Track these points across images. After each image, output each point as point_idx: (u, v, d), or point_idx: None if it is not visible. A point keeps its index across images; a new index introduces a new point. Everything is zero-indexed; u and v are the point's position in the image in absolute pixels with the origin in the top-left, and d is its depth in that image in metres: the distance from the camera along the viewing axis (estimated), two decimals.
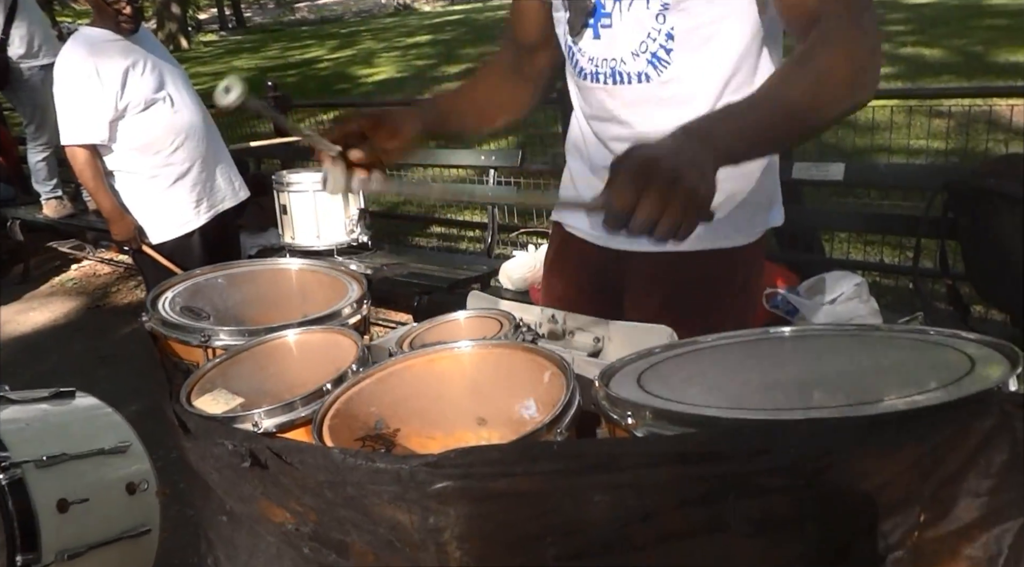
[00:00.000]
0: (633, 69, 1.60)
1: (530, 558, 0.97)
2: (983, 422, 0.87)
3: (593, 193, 1.76)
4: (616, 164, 1.07)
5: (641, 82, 1.60)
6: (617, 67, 1.62)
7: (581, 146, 1.82)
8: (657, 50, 1.56)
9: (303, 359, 1.54)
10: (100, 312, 5.99)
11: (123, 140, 3.37)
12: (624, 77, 1.62)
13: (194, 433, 1.28)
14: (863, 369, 1.10)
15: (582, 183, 1.85)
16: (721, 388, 1.13)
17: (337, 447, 1.16)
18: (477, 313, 1.69)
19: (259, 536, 1.31)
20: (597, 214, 1.09)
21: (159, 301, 1.78)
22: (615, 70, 1.62)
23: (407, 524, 1.02)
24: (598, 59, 1.64)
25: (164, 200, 3.51)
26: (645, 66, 1.58)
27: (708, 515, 0.90)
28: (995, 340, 1.11)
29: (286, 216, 4.34)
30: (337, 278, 1.89)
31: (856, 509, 0.88)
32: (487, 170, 4.68)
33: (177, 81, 3.49)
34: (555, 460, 0.93)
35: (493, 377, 1.41)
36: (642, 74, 1.59)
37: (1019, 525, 0.88)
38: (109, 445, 2.38)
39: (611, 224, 1.06)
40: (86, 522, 2.21)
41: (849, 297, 2.93)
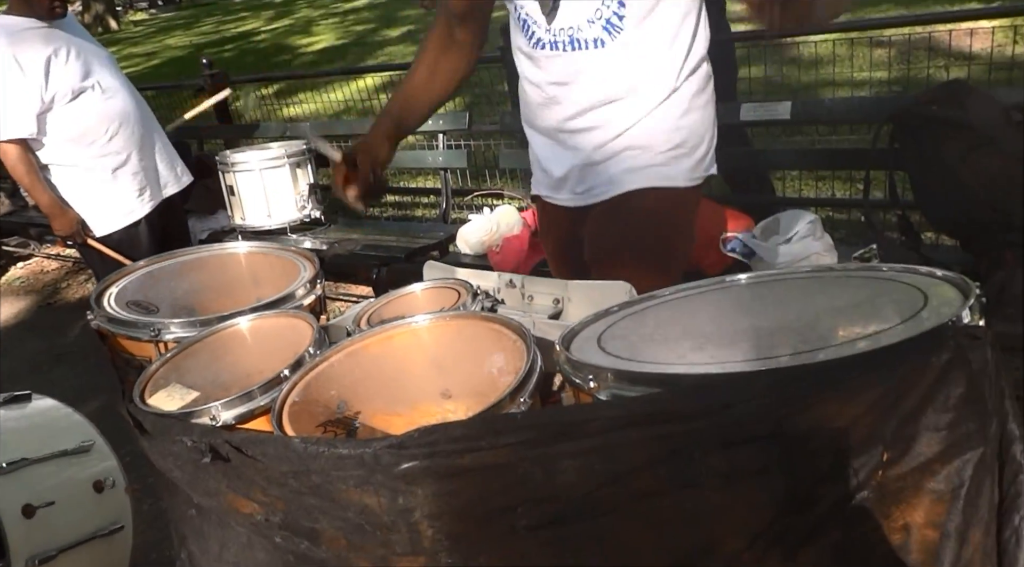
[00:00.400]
0: (589, 35, 1.71)
1: (503, 530, 0.97)
2: (939, 357, 0.88)
3: (553, 160, 1.93)
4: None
5: (598, 47, 1.72)
6: (575, 35, 1.72)
7: (538, 115, 1.91)
8: (610, 16, 1.68)
9: (259, 346, 1.51)
10: (52, 309, 5.86)
11: (54, 132, 3.25)
12: (582, 43, 1.73)
13: (151, 432, 1.26)
14: (820, 312, 1.10)
15: (542, 150, 1.96)
16: (682, 343, 1.13)
17: (298, 436, 1.14)
18: (434, 284, 1.68)
19: (229, 528, 1.30)
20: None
21: (104, 297, 1.73)
22: (573, 38, 1.73)
23: (376, 507, 1.01)
24: (555, 29, 1.74)
25: (105, 191, 3.40)
26: (600, 32, 1.69)
27: (677, 473, 0.90)
28: (947, 273, 1.11)
29: (234, 197, 4.25)
30: (288, 259, 1.86)
31: (821, 454, 0.88)
32: (436, 135, 4.62)
33: (105, 66, 3.36)
34: (520, 431, 0.92)
35: (454, 349, 1.40)
36: (598, 40, 1.71)
37: (978, 455, 0.89)
38: (71, 446, 2.34)
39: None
40: (55, 525, 2.18)
41: (803, 235, 2.94)
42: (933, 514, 0.90)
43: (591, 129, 1.81)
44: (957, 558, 0.90)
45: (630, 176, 1.81)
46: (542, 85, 1.84)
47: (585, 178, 1.87)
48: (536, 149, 1.99)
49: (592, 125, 1.80)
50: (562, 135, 1.86)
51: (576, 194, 1.91)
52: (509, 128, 4.39)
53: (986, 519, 0.91)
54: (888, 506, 0.89)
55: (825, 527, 0.89)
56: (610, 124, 1.78)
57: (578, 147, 1.85)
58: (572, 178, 1.90)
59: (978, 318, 0.99)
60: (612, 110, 1.77)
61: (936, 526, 0.90)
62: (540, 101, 1.87)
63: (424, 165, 4.85)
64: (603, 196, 1.86)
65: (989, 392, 0.90)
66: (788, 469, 0.88)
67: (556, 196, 1.98)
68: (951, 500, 0.89)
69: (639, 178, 1.80)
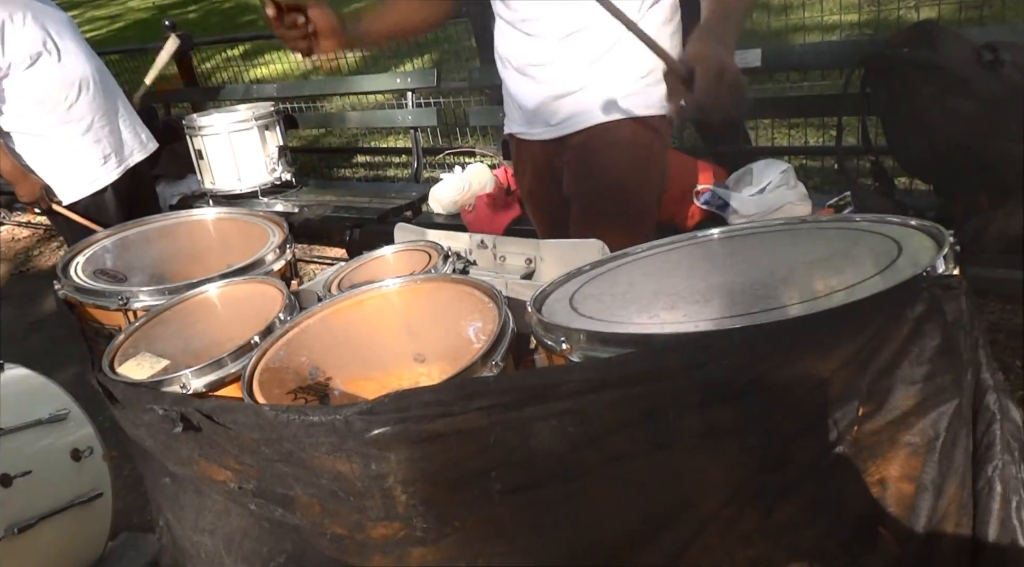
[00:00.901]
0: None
1: (477, 494, 0.96)
2: (914, 309, 0.87)
3: (527, 94, 1.92)
4: (697, 62, 1.35)
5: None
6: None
7: (511, 52, 1.92)
8: None
9: (229, 313, 1.49)
10: (24, 277, 5.78)
11: (13, 99, 3.16)
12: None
13: (122, 401, 1.24)
14: (793, 266, 1.09)
15: (516, 86, 1.96)
16: (655, 302, 1.12)
17: (268, 404, 1.12)
18: (405, 247, 1.65)
19: (205, 495, 1.29)
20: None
21: (71, 266, 1.70)
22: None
23: (349, 473, 1.00)
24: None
25: (69, 158, 3.32)
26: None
27: (650, 434, 0.89)
28: (921, 222, 1.11)
29: (203, 161, 4.18)
30: (257, 224, 1.83)
31: (796, 411, 0.87)
32: (405, 93, 4.56)
33: (63, 30, 3.27)
34: (491, 395, 0.91)
35: (425, 312, 1.38)
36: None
37: (953, 407, 0.89)
38: (46, 414, 2.32)
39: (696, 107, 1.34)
40: (33, 494, 2.17)
41: (777, 185, 2.92)
42: (909, 467, 0.90)
43: (561, 61, 1.82)
44: (933, 510, 0.90)
45: (605, 106, 1.82)
46: (514, 22, 1.85)
47: (559, 110, 1.88)
48: (509, 85, 2.00)
49: (562, 57, 1.81)
50: (533, 69, 1.87)
51: (550, 126, 1.92)
52: (478, 84, 4.34)
53: (961, 471, 0.91)
54: (864, 461, 0.89)
55: (801, 484, 0.88)
56: (579, 55, 1.80)
57: (549, 79, 1.86)
58: (546, 111, 1.91)
59: (952, 267, 0.98)
60: (580, 41, 1.78)
61: (912, 479, 0.90)
62: (511, 37, 1.89)
63: (394, 124, 4.79)
64: (578, 126, 1.87)
65: (964, 342, 0.90)
66: (763, 427, 0.87)
67: (531, 131, 1.99)
68: (926, 453, 0.89)
69: (614, 108, 1.82)
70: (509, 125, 2.08)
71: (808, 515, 0.90)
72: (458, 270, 1.56)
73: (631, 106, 1.82)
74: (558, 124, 1.90)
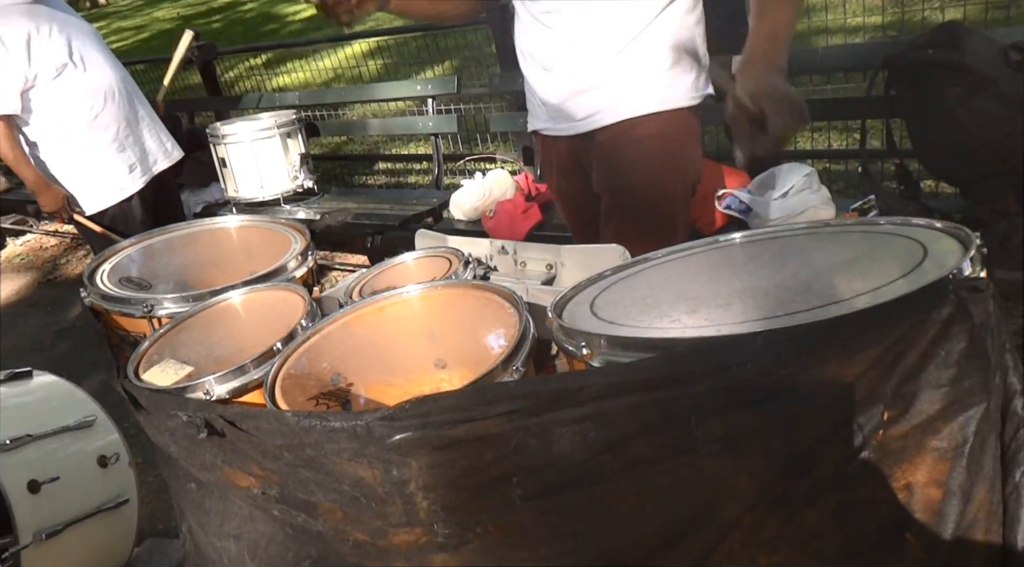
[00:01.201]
0: None
1: (498, 500, 0.95)
2: (940, 312, 0.86)
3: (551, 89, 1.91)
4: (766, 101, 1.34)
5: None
6: None
7: (534, 46, 1.91)
8: None
9: (251, 320, 1.50)
10: (53, 285, 5.85)
11: (40, 109, 3.21)
12: None
13: (147, 407, 1.25)
14: (817, 269, 1.08)
15: (539, 82, 1.94)
16: (676, 306, 1.11)
17: (290, 410, 1.12)
18: (426, 253, 1.66)
19: (229, 501, 1.29)
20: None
21: (97, 275, 1.72)
22: None
23: (370, 479, 1.00)
24: None
25: (95, 168, 3.36)
26: None
27: (673, 438, 0.88)
28: (947, 224, 1.09)
29: (226, 169, 4.21)
30: (279, 231, 1.84)
31: (820, 415, 0.86)
32: (425, 100, 4.57)
33: (88, 41, 3.30)
34: (512, 401, 0.91)
35: (446, 318, 1.38)
36: None
37: (982, 411, 0.88)
38: (74, 421, 2.34)
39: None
40: (60, 500, 2.19)
41: (800, 188, 2.90)
42: (936, 472, 0.88)
43: (585, 53, 1.80)
44: (961, 516, 0.89)
45: (631, 99, 1.81)
46: (535, 15, 1.84)
47: (584, 105, 1.86)
48: (532, 81, 1.98)
49: (585, 49, 1.80)
50: (556, 63, 1.86)
51: (576, 122, 1.90)
52: (499, 90, 4.34)
53: (991, 476, 0.89)
54: (890, 466, 0.88)
55: (826, 489, 0.87)
56: (603, 46, 1.78)
57: (573, 73, 1.84)
58: (570, 106, 1.89)
59: (979, 269, 0.97)
60: (603, 32, 1.77)
61: (939, 484, 0.88)
62: (533, 31, 1.87)
63: (415, 131, 4.80)
64: (604, 122, 1.85)
65: (991, 346, 0.88)
66: (787, 431, 0.86)
67: (556, 127, 1.97)
68: (954, 457, 0.88)
69: (641, 102, 1.80)
70: (533, 122, 2.06)
71: (833, 521, 0.89)
72: (479, 276, 1.56)
73: (658, 99, 1.80)
74: (583, 119, 1.88)
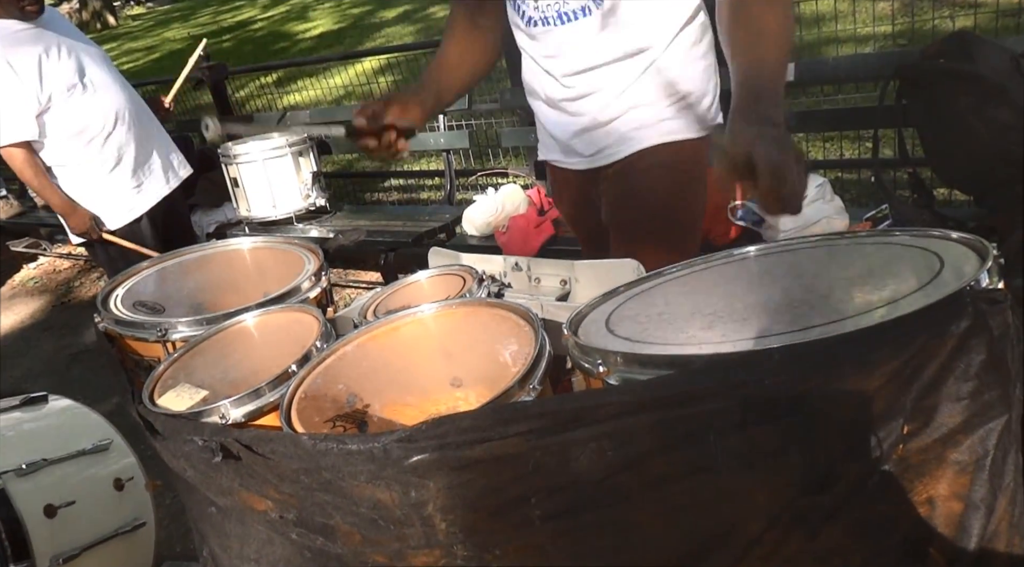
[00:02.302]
0: (576, 6, 1.71)
1: (517, 521, 0.95)
2: (958, 324, 0.85)
3: (559, 126, 1.92)
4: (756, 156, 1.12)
5: (585, 15, 1.71)
6: (561, 9, 1.72)
7: (539, 86, 1.91)
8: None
9: (266, 342, 1.50)
10: (66, 308, 5.88)
11: (53, 132, 3.23)
12: (569, 16, 1.72)
13: (162, 433, 1.25)
14: (832, 282, 1.08)
15: (547, 118, 1.96)
16: (692, 321, 1.10)
17: (307, 433, 1.12)
18: (439, 271, 1.66)
19: (249, 525, 1.29)
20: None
21: (110, 299, 1.72)
22: (560, 12, 1.73)
23: (388, 501, 1.00)
24: (543, 5, 1.74)
25: (105, 188, 3.38)
26: (586, 1, 1.69)
27: (691, 456, 0.88)
28: (963, 234, 1.08)
29: (238, 189, 4.24)
30: (292, 251, 1.84)
31: (840, 431, 0.86)
32: (436, 116, 4.59)
33: (97, 63, 3.33)
34: (529, 420, 0.90)
35: (461, 337, 1.38)
36: (585, 8, 1.70)
37: (1003, 424, 0.87)
38: (89, 445, 2.35)
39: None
40: (77, 524, 2.20)
41: (813, 199, 2.90)
42: (957, 486, 0.87)
43: (591, 93, 1.81)
44: (984, 529, 0.88)
45: (639, 133, 1.81)
46: (538, 58, 1.85)
47: (594, 141, 1.87)
48: (541, 117, 1.99)
49: (591, 90, 1.80)
50: (564, 102, 1.86)
51: (586, 157, 1.90)
52: (510, 105, 4.35)
53: (1012, 488, 0.88)
54: (911, 480, 0.87)
55: (847, 505, 0.86)
56: (609, 86, 1.78)
57: (581, 112, 1.85)
58: (579, 142, 1.90)
59: (997, 280, 0.96)
60: (608, 72, 1.77)
61: (961, 498, 0.88)
62: (538, 72, 1.88)
63: (426, 147, 4.82)
64: (614, 157, 1.85)
65: (1011, 357, 0.88)
66: (806, 448, 0.85)
67: (566, 160, 1.97)
68: (975, 471, 0.87)
69: (648, 135, 1.80)
70: (544, 152, 2.07)
71: (855, 537, 0.88)
72: (493, 293, 1.56)
73: (664, 132, 1.80)
74: (593, 155, 1.89)
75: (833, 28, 4.48)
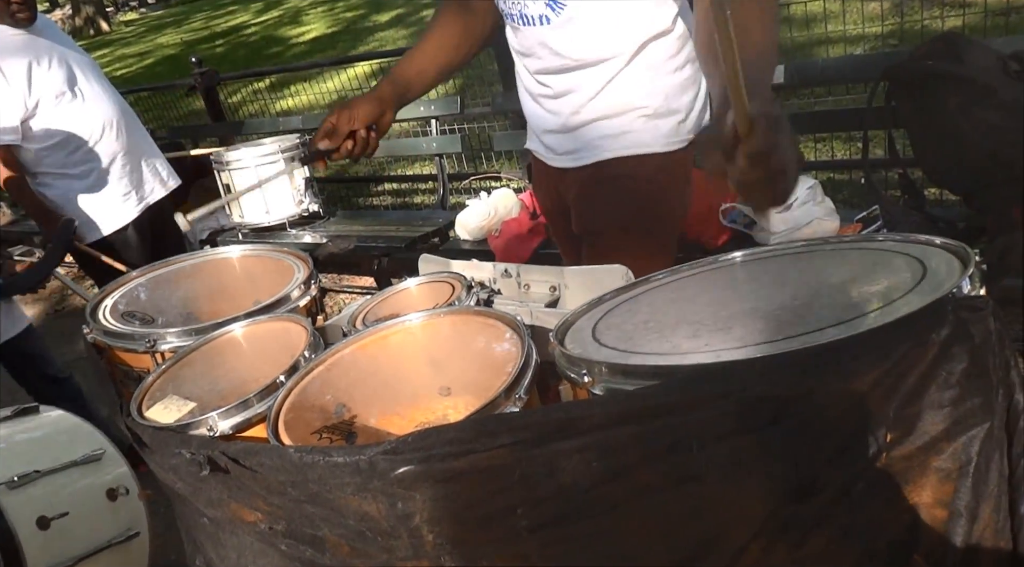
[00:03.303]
0: (535, 12, 1.71)
1: (503, 532, 0.95)
2: (940, 332, 0.85)
3: (536, 118, 1.93)
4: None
5: (543, 24, 1.72)
6: (523, 10, 1.73)
7: (520, 76, 1.94)
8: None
9: (254, 352, 1.50)
10: (60, 316, 5.88)
11: (39, 139, 3.21)
12: (529, 19, 1.74)
13: (150, 446, 1.25)
14: (816, 290, 1.08)
15: (529, 109, 1.97)
16: (677, 330, 1.10)
17: (293, 445, 1.12)
18: (429, 279, 1.66)
19: (240, 536, 1.29)
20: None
21: (99, 310, 1.72)
22: (522, 13, 1.74)
23: (375, 513, 1.00)
24: (509, 3, 1.75)
25: (92, 197, 3.35)
26: (544, 9, 1.69)
27: (676, 466, 0.88)
28: (946, 241, 1.09)
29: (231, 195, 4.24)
30: (282, 259, 1.84)
31: (823, 439, 0.86)
32: (429, 121, 4.60)
33: (87, 72, 3.32)
34: (514, 432, 0.91)
35: (450, 345, 1.38)
36: (543, 16, 1.71)
37: (985, 430, 0.87)
38: (81, 455, 2.35)
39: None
40: (70, 535, 2.20)
41: (803, 201, 2.90)
42: (941, 493, 0.88)
43: (561, 95, 1.82)
44: (968, 536, 0.88)
45: (607, 142, 1.81)
46: (518, 52, 1.88)
47: (565, 142, 1.88)
48: (525, 108, 2.00)
49: (562, 91, 1.82)
50: (541, 98, 1.89)
51: (559, 156, 1.92)
52: (502, 109, 4.36)
53: (996, 494, 0.89)
54: (895, 488, 0.87)
55: (832, 513, 0.87)
56: (577, 90, 1.79)
57: (554, 111, 1.86)
58: (555, 141, 1.92)
59: (979, 287, 0.96)
60: (575, 78, 1.78)
61: (945, 505, 0.88)
62: (519, 64, 1.91)
63: (419, 152, 4.83)
64: (582, 161, 1.86)
65: (993, 364, 0.88)
66: (790, 456, 0.85)
67: (545, 155, 1.99)
68: (959, 478, 0.87)
69: (615, 145, 1.81)
70: (530, 142, 2.07)
71: (840, 545, 0.88)
72: (482, 300, 1.56)
73: (630, 144, 1.79)
74: (565, 155, 1.90)
75: (824, 29, 4.50)
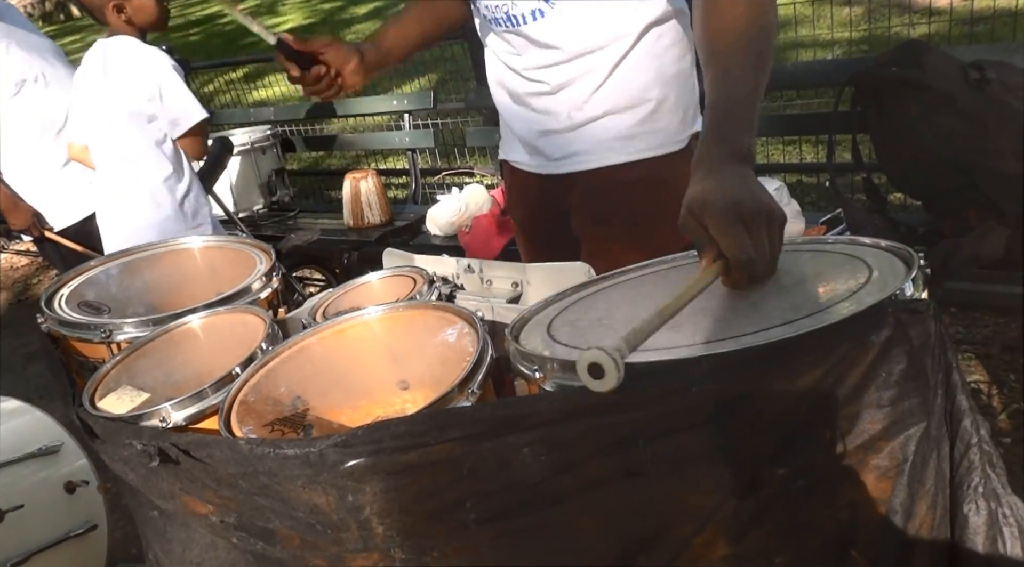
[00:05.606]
0: (525, 9, 1.67)
1: (453, 524, 0.96)
2: (880, 334, 0.87)
3: (524, 122, 1.85)
4: (707, 219, 1.11)
5: (536, 19, 1.68)
6: (509, 11, 1.69)
7: (501, 79, 1.88)
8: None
9: (211, 344, 1.49)
10: (23, 306, 5.80)
11: (2, 126, 3.19)
12: (518, 19, 1.69)
13: (102, 436, 1.24)
14: (765, 291, 1.09)
15: (509, 114, 1.91)
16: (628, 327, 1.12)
17: (243, 437, 1.13)
18: (391, 273, 1.66)
19: (191, 529, 1.29)
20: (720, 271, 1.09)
21: (55, 300, 1.70)
22: (508, 14, 1.69)
23: (325, 506, 1.00)
24: (492, 6, 1.71)
25: (57, 185, 3.30)
26: (536, 3, 1.65)
27: (623, 461, 0.89)
28: (892, 244, 1.11)
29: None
30: (244, 251, 1.83)
31: (764, 437, 0.87)
32: (402, 115, 4.59)
33: (49, 58, 3.27)
34: (464, 426, 0.91)
35: (407, 339, 1.38)
36: (535, 11, 1.66)
37: (922, 430, 0.89)
38: (39, 447, 2.33)
39: (742, 272, 1.08)
40: (26, 528, 2.18)
41: None
42: (878, 491, 0.89)
43: (560, 89, 1.75)
44: (904, 533, 0.90)
45: (614, 144, 1.76)
46: (499, 54, 1.81)
47: (565, 144, 1.80)
48: (504, 111, 1.93)
49: (560, 84, 1.74)
50: (530, 98, 1.81)
51: (552, 161, 1.85)
52: (475, 105, 4.36)
53: (932, 493, 0.91)
54: (833, 485, 0.89)
55: (772, 509, 0.88)
56: (579, 80, 1.72)
57: (551, 110, 1.79)
58: (546, 144, 1.84)
59: (921, 290, 0.98)
60: (576, 67, 1.71)
61: (882, 503, 0.90)
62: (499, 63, 1.84)
63: (391, 146, 4.82)
64: (584, 165, 1.79)
65: (932, 366, 0.90)
66: (732, 453, 0.87)
67: (527, 161, 1.91)
68: (896, 476, 0.89)
69: (624, 148, 1.75)
70: (505, 151, 2.00)
71: (780, 540, 0.90)
72: (444, 295, 1.56)
73: (644, 147, 1.75)
74: (561, 160, 1.83)
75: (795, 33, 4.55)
